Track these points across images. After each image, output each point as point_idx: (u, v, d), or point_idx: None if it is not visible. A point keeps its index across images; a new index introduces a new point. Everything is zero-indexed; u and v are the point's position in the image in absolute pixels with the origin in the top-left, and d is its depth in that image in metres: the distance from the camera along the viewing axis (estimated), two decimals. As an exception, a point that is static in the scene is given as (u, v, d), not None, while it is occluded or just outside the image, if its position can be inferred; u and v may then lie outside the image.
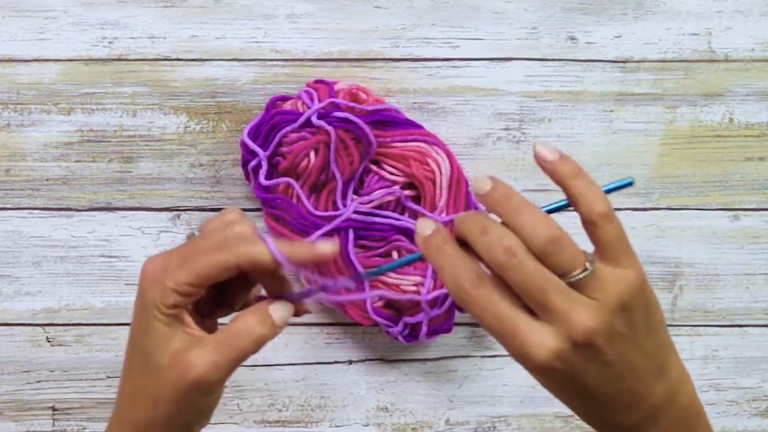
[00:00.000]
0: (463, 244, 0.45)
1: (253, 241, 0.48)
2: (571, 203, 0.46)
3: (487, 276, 0.44)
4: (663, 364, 0.47)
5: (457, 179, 0.75)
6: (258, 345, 0.48)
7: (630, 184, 0.48)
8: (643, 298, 0.45)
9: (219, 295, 0.52)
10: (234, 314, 0.51)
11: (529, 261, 0.43)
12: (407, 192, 0.75)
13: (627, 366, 0.45)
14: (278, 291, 0.50)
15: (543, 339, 0.42)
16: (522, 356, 0.43)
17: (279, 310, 0.49)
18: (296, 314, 0.50)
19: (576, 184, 0.46)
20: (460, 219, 0.45)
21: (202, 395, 0.48)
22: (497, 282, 0.44)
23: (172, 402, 0.47)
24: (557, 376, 0.43)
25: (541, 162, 0.47)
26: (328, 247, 0.49)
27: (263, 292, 0.52)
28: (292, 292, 0.50)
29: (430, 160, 0.74)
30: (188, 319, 0.48)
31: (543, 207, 0.46)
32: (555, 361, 0.42)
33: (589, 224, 0.45)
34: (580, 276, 0.43)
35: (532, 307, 0.43)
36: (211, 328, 0.51)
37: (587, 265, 0.43)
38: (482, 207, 0.62)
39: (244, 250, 0.47)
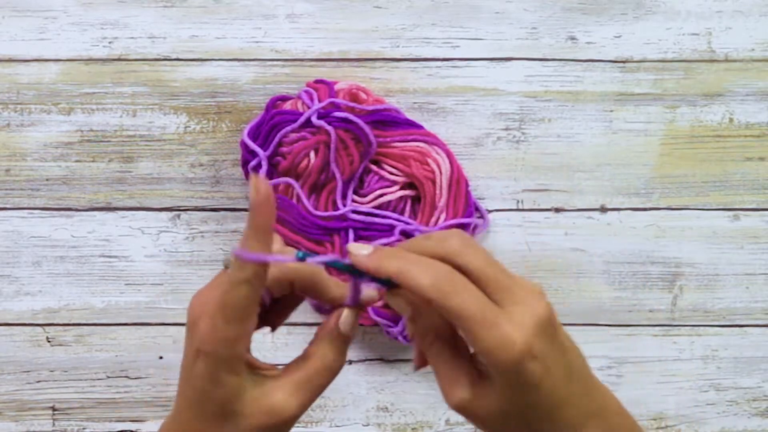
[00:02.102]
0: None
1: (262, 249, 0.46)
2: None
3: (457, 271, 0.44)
4: (592, 376, 0.48)
5: (457, 179, 0.75)
6: (336, 375, 0.48)
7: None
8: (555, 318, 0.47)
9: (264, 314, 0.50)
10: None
11: (479, 249, 0.44)
12: (407, 192, 0.75)
13: (575, 356, 0.46)
14: (318, 296, 0.49)
15: (519, 320, 0.43)
16: (502, 342, 0.42)
17: (347, 323, 0.48)
18: (360, 308, 0.49)
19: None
20: (401, 245, 0.46)
21: (286, 430, 0.48)
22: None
23: None
24: (534, 368, 0.43)
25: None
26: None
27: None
28: (350, 293, 0.48)
29: (430, 160, 0.74)
30: (254, 360, 0.47)
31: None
32: (534, 343, 0.43)
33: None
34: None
35: (494, 290, 0.44)
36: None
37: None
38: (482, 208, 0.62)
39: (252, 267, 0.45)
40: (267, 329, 0.50)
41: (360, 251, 0.45)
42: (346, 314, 0.48)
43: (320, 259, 0.45)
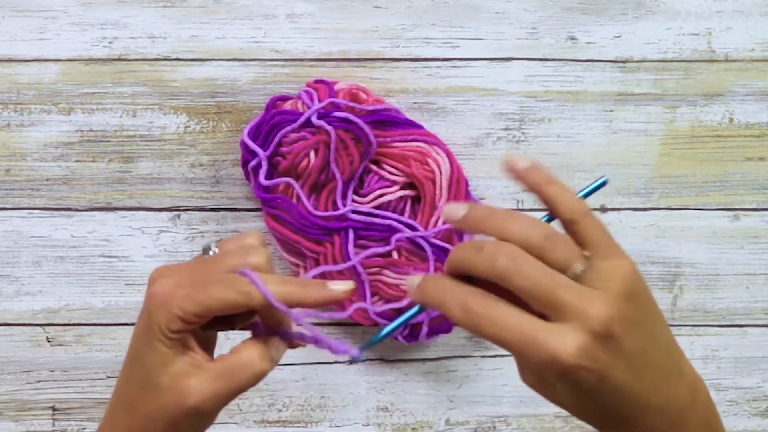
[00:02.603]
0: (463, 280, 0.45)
1: (266, 280, 0.47)
2: (549, 208, 0.46)
3: (491, 294, 0.43)
4: (678, 361, 0.46)
5: (457, 179, 0.75)
6: (258, 379, 0.48)
7: (604, 183, 0.49)
8: (643, 285, 0.45)
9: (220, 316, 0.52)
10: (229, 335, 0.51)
11: (531, 262, 0.43)
12: (407, 192, 0.75)
13: (646, 360, 0.44)
14: (276, 325, 0.50)
15: (565, 337, 0.41)
16: (549, 361, 0.41)
17: (276, 347, 0.49)
18: (290, 347, 0.50)
19: (551, 190, 0.46)
20: (452, 253, 0.45)
21: (197, 422, 0.48)
22: (503, 297, 0.43)
23: (166, 423, 0.47)
24: (585, 377, 0.42)
25: (513, 170, 0.47)
26: (342, 287, 0.49)
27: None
28: (288, 331, 0.50)
29: (430, 160, 0.74)
30: (192, 343, 0.48)
31: None
32: (582, 358, 0.41)
33: (571, 224, 0.45)
34: (581, 267, 0.43)
35: (544, 309, 0.42)
36: (209, 340, 0.51)
37: (585, 255, 0.43)
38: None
39: (256, 294, 0.46)
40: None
41: (412, 283, 0.45)
42: (280, 343, 0.49)
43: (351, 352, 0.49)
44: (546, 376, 0.43)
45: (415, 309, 0.47)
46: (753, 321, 0.79)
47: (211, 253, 0.49)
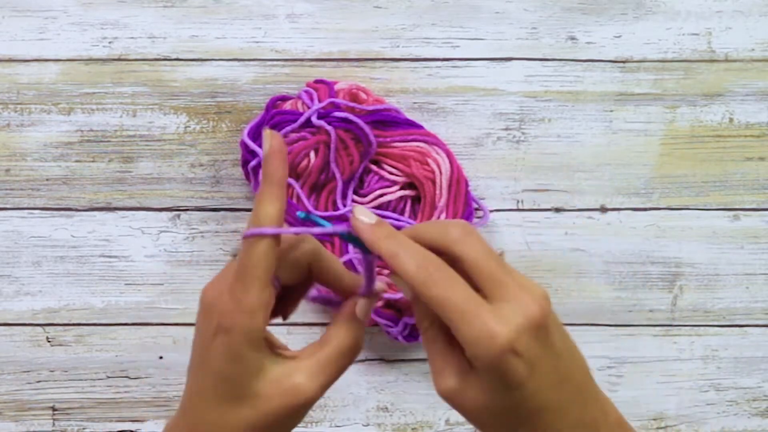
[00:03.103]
0: None
1: (265, 201, 0.46)
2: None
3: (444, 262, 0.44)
4: (593, 382, 0.46)
5: (457, 179, 0.75)
6: (357, 353, 0.48)
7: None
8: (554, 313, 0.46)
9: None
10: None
11: (481, 240, 0.44)
12: (407, 192, 0.75)
13: (570, 367, 0.44)
14: (338, 284, 0.49)
15: (505, 317, 0.42)
16: (487, 337, 0.42)
17: (363, 310, 0.48)
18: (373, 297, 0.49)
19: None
20: (383, 235, 0.45)
21: (302, 415, 0.47)
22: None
23: (273, 427, 0.46)
24: (517, 367, 0.42)
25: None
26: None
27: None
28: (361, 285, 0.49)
29: (430, 160, 0.74)
30: (275, 339, 0.47)
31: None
32: (517, 340, 0.42)
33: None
34: None
35: (487, 284, 0.43)
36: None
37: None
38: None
39: (265, 211, 0.45)
40: (279, 319, 0.50)
41: (362, 217, 0.45)
42: (362, 302, 0.48)
43: (324, 230, 0.46)
44: (476, 360, 0.43)
45: (345, 232, 0.46)
46: (753, 321, 0.79)
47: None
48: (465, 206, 0.75)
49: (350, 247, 0.74)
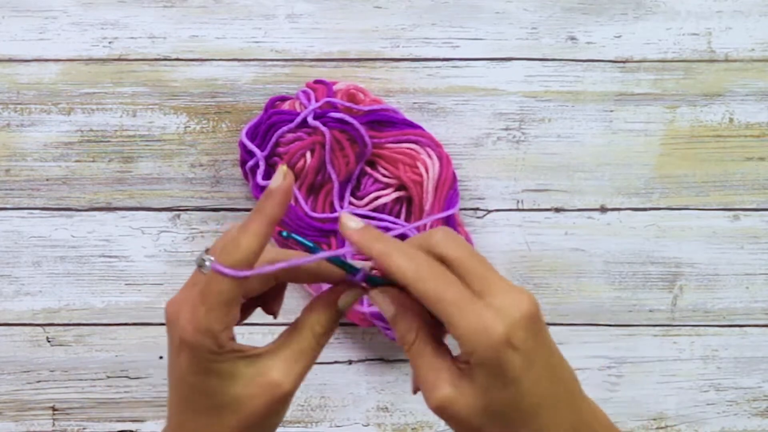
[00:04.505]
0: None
1: (240, 242, 0.45)
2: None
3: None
4: (579, 385, 0.47)
5: (444, 181, 0.74)
6: (326, 340, 0.48)
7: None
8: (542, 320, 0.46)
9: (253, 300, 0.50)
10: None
11: (466, 243, 0.45)
12: (403, 193, 0.75)
13: (561, 362, 0.45)
14: (305, 259, 0.48)
15: (500, 310, 0.42)
16: (482, 330, 0.42)
17: (346, 300, 0.48)
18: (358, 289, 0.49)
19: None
20: (372, 238, 0.45)
21: (285, 409, 0.48)
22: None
23: (257, 426, 0.47)
24: (511, 360, 0.42)
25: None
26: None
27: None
28: (324, 255, 0.48)
29: (419, 163, 0.74)
30: (237, 345, 0.46)
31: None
32: (514, 334, 0.42)
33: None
34: None
35: (478, 282, 0.44)
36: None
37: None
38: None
39: (237, 254, 0.44)
40: (270, 318, 0.51)
41: (350, 223, 0.45)
42: (349, 293, 0.48)
43: (305, 260, 0.46)
44: (473, 354, 0.43)
45: (337, 257, 0.47)
46: (753, 321, 0.79)
47: (206, 266, 0.46)
48: (443, 208, 0.74)
49: (347, 244, 0.74)
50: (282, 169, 0.45)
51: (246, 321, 0.50)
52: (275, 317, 0.51)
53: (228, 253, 0.44)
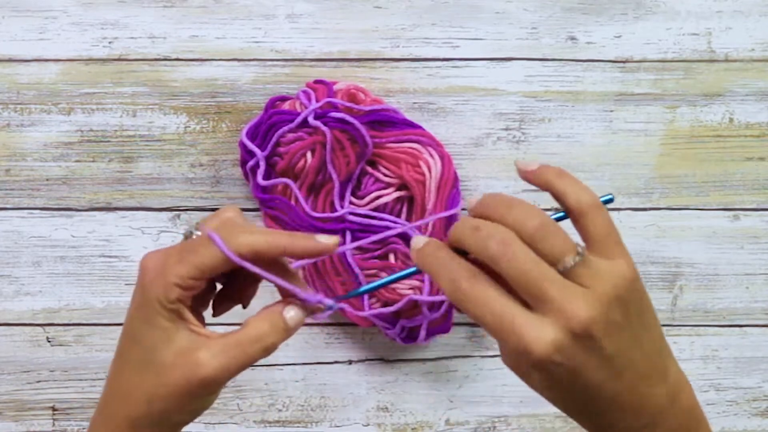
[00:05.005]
0: (460, 253, 0.45)
1: (251, 231, 0.47)
2: (558, 201, 0.46)
3: (481, 273, 0.44)
4: (662, 365, 0.46)
5: (446, 181, 0.74)
6: (268, 352, 0.48)
7: (611, 200, 0.49)
8: (637, 290, 0.45)
9: (227, 289, 0.52)
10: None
11: (523, 250, 0.43)
12: (403, 193, 0.75)
13: (627, 361, 0.44)
14: (286, 283, 0.49)
15: (541, 331, 0.42)
16: (521, 351, 0.42)
17: (292, 312, 0.48)
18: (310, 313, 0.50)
19: (561, 182, 0.46)
20: (453, 227, 0.46)
21: (205, 395, 0.48)
22: (492, 278, 0.44)
23: (171, 399, 0.47)
24: (558, 371, 0.43)
25: (524, 173, 0.48)
26: (328, 240, 0.48)
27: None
28: (301, 295, 0.49)
29: (421, 162, 0.74)
30: (189, 316, 0.48)
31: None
32: (555, 354, 0.42)
33: (578, 216, 0.46)
34: (572, 262, 0.43)
35: (527, 298, 0.43)
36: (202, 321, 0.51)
37: (579, 250, 0.43)
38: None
39: (244, 240, 0.46)
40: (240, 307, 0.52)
41: (416, 245, 0.47)
42: (296, 312, 0.49)
43: (305, 297, 0.48)
44: (520, 364, 0.44)
45: (411, 270, 0.49)
46: (753, 321, 0.79)
47: (194, 236, 0.48)
48: (446, 207, 0.74)
49: (346, 204, 0.74)
50: (335, 240, 0.48)
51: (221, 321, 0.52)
52: (244, 307, 0.52)
53: (235, 233, 0.46)
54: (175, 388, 0.47)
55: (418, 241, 0.46)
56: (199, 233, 0.48)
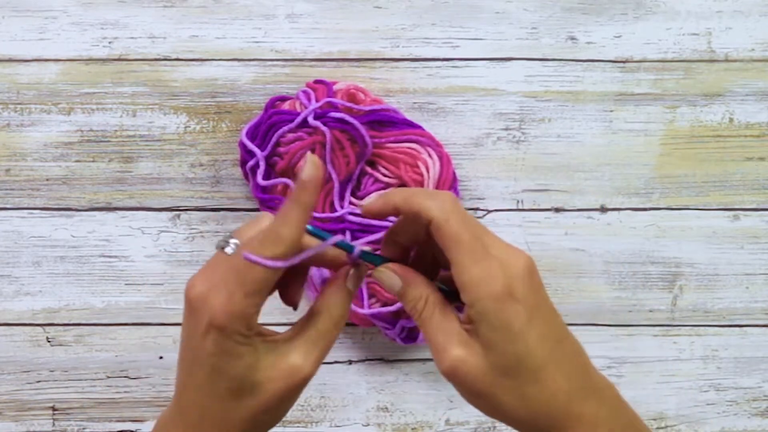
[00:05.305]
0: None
1: (279, 227, 0.46)
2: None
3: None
4: (586, 355, 0.48)
5: (444, 181, 0.74)
6: (343, 323, 0.49)
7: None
8: (533, 283, 0.48)
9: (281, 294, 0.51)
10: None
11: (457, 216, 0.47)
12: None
13: (563, 326, 0.46)
14: (319, 246, 0.49)
15: (502, 263, 0.45)
16: (488, 277, 0.44)
17: (353, 279, 0.49)
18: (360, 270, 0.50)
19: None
20: (389, 195, 0.48)
21: (301, 392, 0.49)
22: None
23: (274, 411, 0.48)
24: (516, 309, 0.44)
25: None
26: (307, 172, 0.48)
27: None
28: (331, 239, 0.48)
29: (419, 163, 0.74)
30: (261, 329, 0.47)
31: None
32: (515, 286, 0.44)
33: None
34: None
35: (474, 243, 0.45)
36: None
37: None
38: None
39: (278, 242, 0.45)
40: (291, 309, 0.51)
41: (367, 201, 0.49)
42: (353, 272, 0.49)
43: (328, 242, 0.47)
44: (477, 303, 0.45)
45: (348, 244, 0.49)
46: (753, 321, 0.79)
47: (229, 249, 0.47)
48: None
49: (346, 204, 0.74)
50: (312, 159, 0.46)
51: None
52: (296, 309, 0.51)
53: (271, 245, 0.45)
54: (278, 401, 0.47)
55: (372, 198, 0.48)
56: (232, 242, 0.46)
